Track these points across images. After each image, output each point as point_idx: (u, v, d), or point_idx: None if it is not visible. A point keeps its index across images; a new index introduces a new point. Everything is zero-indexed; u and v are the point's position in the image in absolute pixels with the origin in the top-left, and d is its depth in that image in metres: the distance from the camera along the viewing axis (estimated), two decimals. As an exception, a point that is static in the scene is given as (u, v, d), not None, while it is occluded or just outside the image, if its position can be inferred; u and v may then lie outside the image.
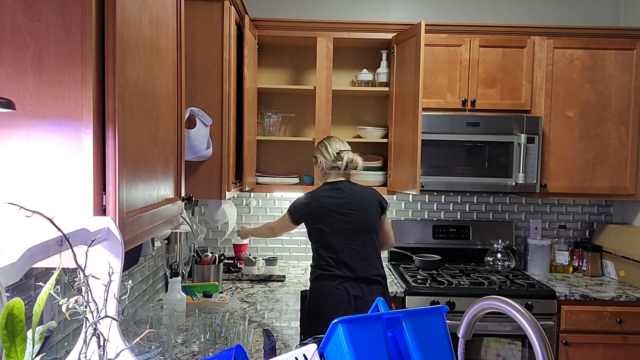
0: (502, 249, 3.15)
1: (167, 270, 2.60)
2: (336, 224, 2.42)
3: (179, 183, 1.51)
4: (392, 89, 3.02)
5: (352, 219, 2.44)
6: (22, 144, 0.95)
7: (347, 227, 2.43)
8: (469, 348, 2.71)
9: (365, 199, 2.50)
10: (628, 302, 2.74)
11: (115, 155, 0.99)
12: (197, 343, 1.90)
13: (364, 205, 2.49)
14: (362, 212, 2.47)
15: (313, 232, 2.49)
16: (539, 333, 0.85)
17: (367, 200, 2.51)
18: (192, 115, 2.08)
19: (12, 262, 0.70)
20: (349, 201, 2.46)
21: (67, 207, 0.96)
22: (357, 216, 2.45)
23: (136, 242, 1.12)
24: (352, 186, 2.53)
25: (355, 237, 2.44)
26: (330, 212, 2.43)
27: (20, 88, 0.94)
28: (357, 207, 2.46)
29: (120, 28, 1.01)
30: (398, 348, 1.01)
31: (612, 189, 3.03)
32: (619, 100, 3.00)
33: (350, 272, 2.39)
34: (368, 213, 2.49)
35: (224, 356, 1.09)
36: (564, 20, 3.33)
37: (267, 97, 3.27)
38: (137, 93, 1.12)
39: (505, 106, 3.00)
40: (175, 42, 1.46)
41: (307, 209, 2.47)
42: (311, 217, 2.46)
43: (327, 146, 2.55)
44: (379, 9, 3.33)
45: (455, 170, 2.95)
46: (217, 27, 2.18)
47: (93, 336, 0.90)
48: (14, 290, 1.20)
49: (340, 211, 2.44)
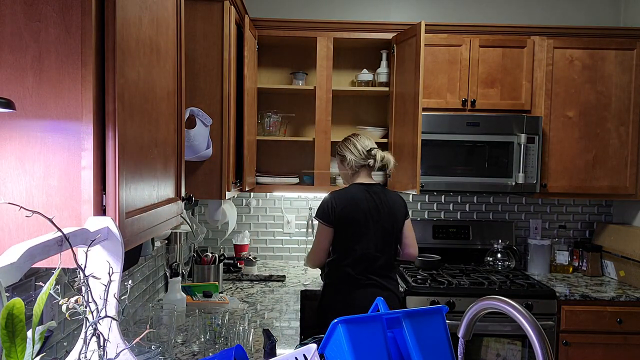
0: (502, 249, 3.15)
1: (167, 270, 2.59)
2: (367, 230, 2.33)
3: (179, 183, 1.51)
4: (392, 89, 3.02)
5: (383, 225, 2.36)
6: (22, 144, 0.95)
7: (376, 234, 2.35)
8: (469, 348, 2.71)
9: (395, 207, 2.42)
10: (628, 302, 2.74)
11: (115, 155, 0.99)
12: (197, 343, 1.90)
13: (394, 214, 2.40)
14: (391, 220, 2.39)
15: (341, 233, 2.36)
16: (539, 333, 0.85)
17: (396, 209, 2.42)
18: (192, 115, 2.08)
19: (12, 262, 0.70)
20: (381, 207, 2.37)
21: (67, 207, 0.96)
22: (386, 225, 2.37)
23: (136, 242, 1.12)
24: (384, 191, 2.45)
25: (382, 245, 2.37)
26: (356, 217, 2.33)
27: (20, 88, 0.94)
28: (388, 214, 2.37)
29: (120, 28, 1.01)
30: (398, 348, 1.01)
31: (612, 189, 3.03)
32: (619, 100, 3.00)
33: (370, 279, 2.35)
34: (397, 221, 2.42)
35: (224, 356, 1.09)
36: (564, 20, 3.33)
37: (267, 97, 3.27)
38: (137, 93, 1.12)
39: (505, 106, 3.00)
40: (175, 42, 1.46)
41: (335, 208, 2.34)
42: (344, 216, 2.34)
43: (356, 143, 2.44)
44: (379, 9, 3.33)
45: (455, 170, 2.95)
46: (217, 27, 2.18)
47: (93, 336, 0.90)
48: (14, 290, 1.20)
49: (374, 217, 2.34)
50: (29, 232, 0.94)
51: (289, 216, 3.38)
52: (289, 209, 3.38)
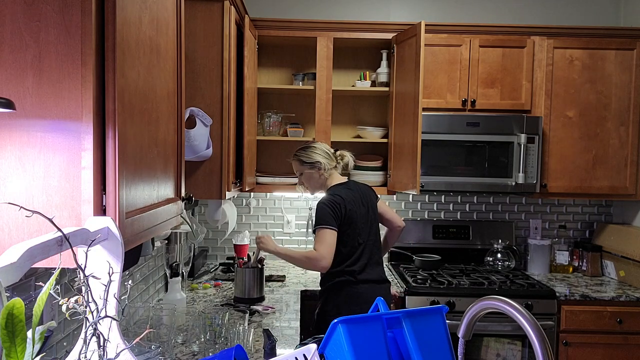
0: (502, 249, 3.15)
1: (167, 270, 2.59)
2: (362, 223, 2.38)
3: (179, 183, 1.51)
4: (392, 89, 3.02)
5: (370, 216, 2.43)
6: (22, 144, 0.95)
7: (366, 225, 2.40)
8: (469, 348, 2.71)
9: (371, 197, 2.50)
10: (628, 302, 2.74)
11: (115, 155, 0.99)
12: (197, 343, 1.90)
13: (372, 201, 2.49)
14: (373, 208, 2.47)
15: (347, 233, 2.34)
16: (539, 333, 0.85)
17: (372, 197, 2.51)
18: (192, 115, 2.08)
19: (12, 262, 0.70)
20: (363, 199, 2.43)
21: (67, 207, 0.96)
22: (372, 214, 2.45)
23: (136, 242, 1.12)
24: (358, 184, 2.52)
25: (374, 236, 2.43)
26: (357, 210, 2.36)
27: (20, 88, 0.94)
28: (370, 204, 2.45)
29: (120, 28, 1.01)
30: (398, 348, 1.01)
31: (612, 189, 3.03)
32: (619, 100, 3.00)
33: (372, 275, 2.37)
34: (376, 208, 2.50)
35: (224, 356, 1.09)
36: (563, 20, 3.33)
37: (267, 97, 3.27)
38: (137, 93, 1.12)
39: (505, 106, 3.00)
40: (175, 42, 1.46)
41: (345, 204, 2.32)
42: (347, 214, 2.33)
43: (320, 148, 2.46)
44: (379, 9, 3.33)
45: (455, 170, 2.95)
46: (217, 27, 2.18)
47: (93, 336, 0.90)
48: (14, 290, 1.20)
49: (361, 211, 2.39)
50: (29, 232, 0.94)
51: (289, 216, 3.38)
52: (289, 209, 3.38)
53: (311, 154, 2.45)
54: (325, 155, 2.45)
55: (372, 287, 2.35)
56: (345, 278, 2.33)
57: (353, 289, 2.33)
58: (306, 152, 2.46)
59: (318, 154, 2.44)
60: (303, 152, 2.47)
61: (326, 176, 2.47)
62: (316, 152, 2.45)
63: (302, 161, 2.46)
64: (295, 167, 2.51)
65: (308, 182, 2.51)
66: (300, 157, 2.47)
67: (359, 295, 2.32)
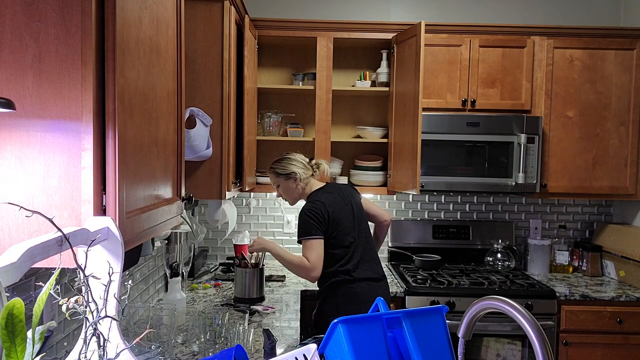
0: (502, 249, 3.15)
1: (167, 270, 2.59)
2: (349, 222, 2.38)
3: (178, 183, 1.51)
4: (392, 89, 3.02)
5: (355, 215, 2.43)
6: (22, 144, 0.95)
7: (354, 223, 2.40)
8: (469, 348, 2.72)
9: (354, 196, 2.50)
10: (628, 302, 2.74)
11: (115, 155, 0.99)
12: (197, 343, 1.90)
13: (355, 199, 2.49)
14: (358, 205, 2.47)
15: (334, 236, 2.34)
16: (539, 333, 0.85)
17: (356, 196, 2.52)
18: (192, 115, 2.08)
19: (12, 262, 0.70)
20: (346, 199, 2.44)
21: (67, 207, 0.96)
22: (357, 211, 2.44)
23: (136, 242, 1.12)
24: (339, 185, 2.53)
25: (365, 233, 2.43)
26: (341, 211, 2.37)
27: (20, 88, 0.94)
28: (353, 202, 2.45)
29: (120, 28, 1.01)
30: (398, 348, 1.01)
31: (612, 189, 3.03)
32: (619, 100, 3.00)
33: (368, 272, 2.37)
34: (361, 206, 2.50)
35: (224, 356, 1.09)
36: (563, 20, 3.33)
37: (267, 97, 3.27)
38: (137, 93, 1.12)
39: (505, 106, 3.00)
40: (175, 42, 1.46)
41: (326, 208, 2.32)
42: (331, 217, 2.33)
43: (294, 158, 2.46)
44: (379, 9, 3.33)
45: (455, 170, 2.95)
46: (217, 27, 2.18)
47: (93, 336, 0.90)
48: (14, 290, 1.20)
49: (346, 211, 2.39)
50: (29, 232, 0.94)
51: (289, 216, 3.38)
52: (289, 209, 3.38)
53: (286, 165, 2.46)
54: (301, 165, 2.46)
55: (370, 286, 2.35)
56: (341, 277, 2.33)
57: (350, 288, 2.33)
58: (281, 164, 2.47)
59: (293, 165, 2.45)
60: (278, 164, 2.48)
61: (302, 186, 2.47)
62: (291, 163, 2.46)
63: (277, 173, 2.47)
64: (272, 180, 2.53)
65: (285, 193, 2.51)
66: (276, 169, 2.48)
67: (356, 294, 2.32)
